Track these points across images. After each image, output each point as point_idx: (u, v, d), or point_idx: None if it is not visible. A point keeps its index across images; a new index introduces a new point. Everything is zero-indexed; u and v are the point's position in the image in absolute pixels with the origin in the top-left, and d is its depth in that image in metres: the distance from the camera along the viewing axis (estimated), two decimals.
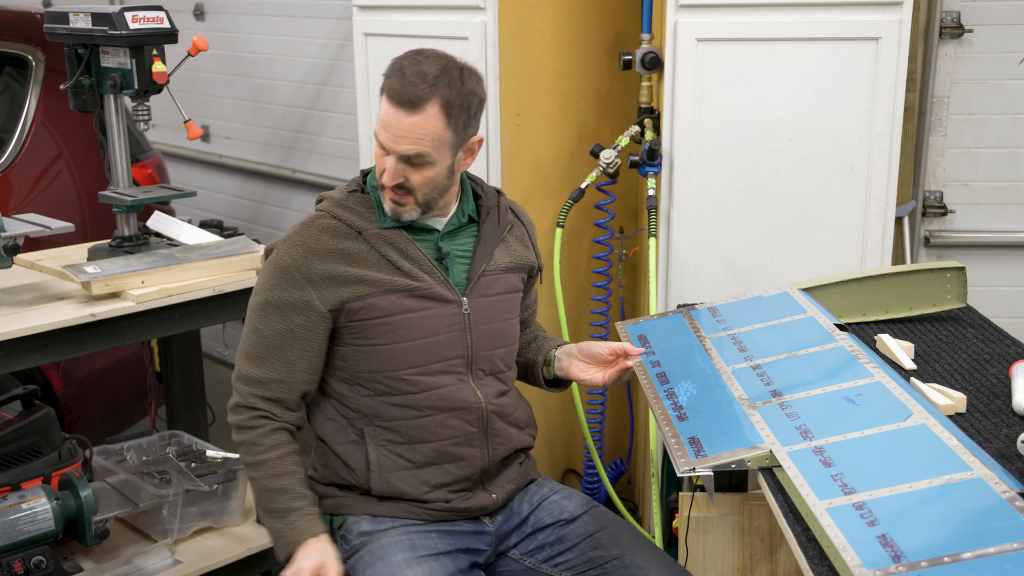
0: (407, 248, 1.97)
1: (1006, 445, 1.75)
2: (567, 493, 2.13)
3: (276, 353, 1.96)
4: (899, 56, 2.69)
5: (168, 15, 2.60)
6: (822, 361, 1.95)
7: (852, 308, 2.38)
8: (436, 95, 1.85)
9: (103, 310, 2.41)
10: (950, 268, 2.38)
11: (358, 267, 1.94)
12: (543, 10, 3.02)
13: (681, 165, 2.79)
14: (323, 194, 2.06)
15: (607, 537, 2.03)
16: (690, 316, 2.30)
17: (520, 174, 3.05)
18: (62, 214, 2.80)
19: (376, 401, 1.98)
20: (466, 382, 2.00)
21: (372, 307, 1.93)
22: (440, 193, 1.95)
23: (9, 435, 2.61)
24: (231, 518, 2.86)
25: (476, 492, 2.03)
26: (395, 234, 1.97)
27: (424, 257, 1.97)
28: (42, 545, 2.45)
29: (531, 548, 2.07)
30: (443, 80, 1.86)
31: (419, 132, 1.86)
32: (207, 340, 3.66)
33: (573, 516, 2.07)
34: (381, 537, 1.96)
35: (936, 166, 3.50)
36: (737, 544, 2.23)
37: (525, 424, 2.13)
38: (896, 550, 1.35)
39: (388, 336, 1.94)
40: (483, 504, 2.04)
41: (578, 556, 2.03)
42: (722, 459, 1.69)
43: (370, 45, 3.16)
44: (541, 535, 2.07)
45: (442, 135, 1.88)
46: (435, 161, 1.89)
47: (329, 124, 4.48)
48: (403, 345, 1.95)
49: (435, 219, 2.01)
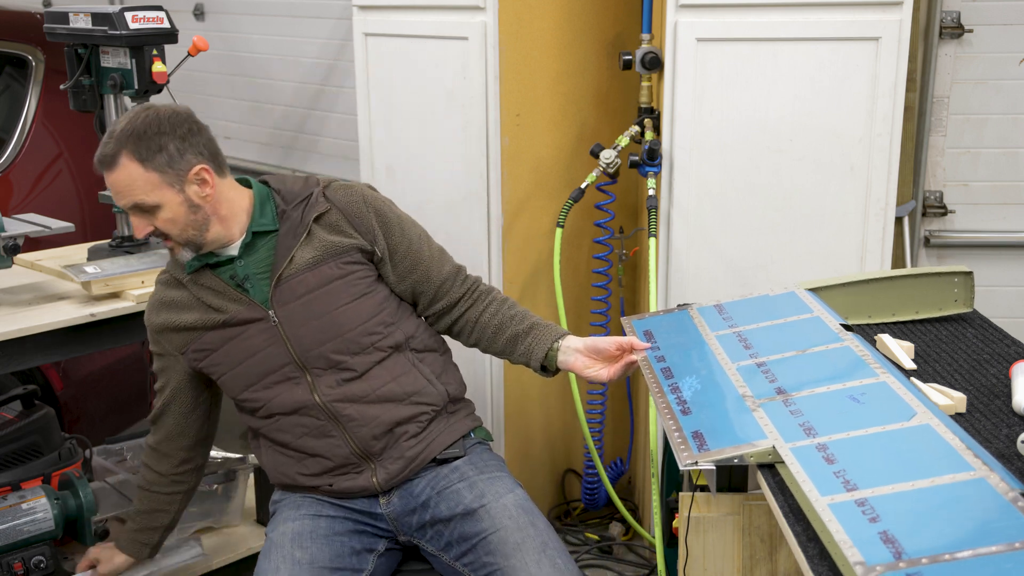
0: (212, 284, 2.13)
1: (1006, 445, 1.74)
2: (473, 481, 2.10)
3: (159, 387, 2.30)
4: (899, 56, 2.69)
5: (168, 15, 2.60)
6: (827, 360, 1.95)
7: (858, 310, 2.37)
8: (123, 149, 2.00)
9: (103, 310, 2.41)
10: (957, 272, 2.37)
11: (182, 314, 2.15)
12: (543, 10, 3.02)
13: (681, 165, 2.79)
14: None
15: (496, 542, 2.00)
16: (696, 313, 2.30)
17: (520, 174, 3.05)
18: (62, 214, 2.80)
19: (248, 418, 2.21)
20: (301, 383, 2.12)
21: (201, 348, 2.15)
22: (199, 228, 2.07)
23: (9, 435, 2.60)
24: (231, 518, 2.86)
25: (360, 474, 2.13)
26: (203, 275, 2.14)
27: (226, 287, 2.12)
28: (42, 545, 2.45)
29: (442, 544, 2.09)
30: (126, 133, 2.00)
31: (123, 185, 2.02)
32: None
33: (468, 510, 2.06)
34: (282, 503, 2.22)
35: (936, 166, 3.50)
36: (737, 544, 2.22)
37: (406, 396, 2.14)
38: (897, 547, 1.35)
39: (222, 367, 2.15)
40: (364, 485, 2.12)
41: (476, 560, 2.02)
42: (725, 453, 1.69)
43: (370, 45, 3.16)
44: (446, 529, 2.08)
45: (147, 179, 2.01)
46: (161, 203, 2.03)
47: (329, 124, 4.48)
48: (236, 371, 2.14)
49: (229, 248, 2.13)
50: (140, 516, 2.38)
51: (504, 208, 3.05)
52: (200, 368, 2.19)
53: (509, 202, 3.07)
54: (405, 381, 2.16)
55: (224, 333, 2.13)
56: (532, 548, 1.99)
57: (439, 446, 2.17)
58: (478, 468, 2.15)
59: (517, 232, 3.11)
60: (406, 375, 2.16)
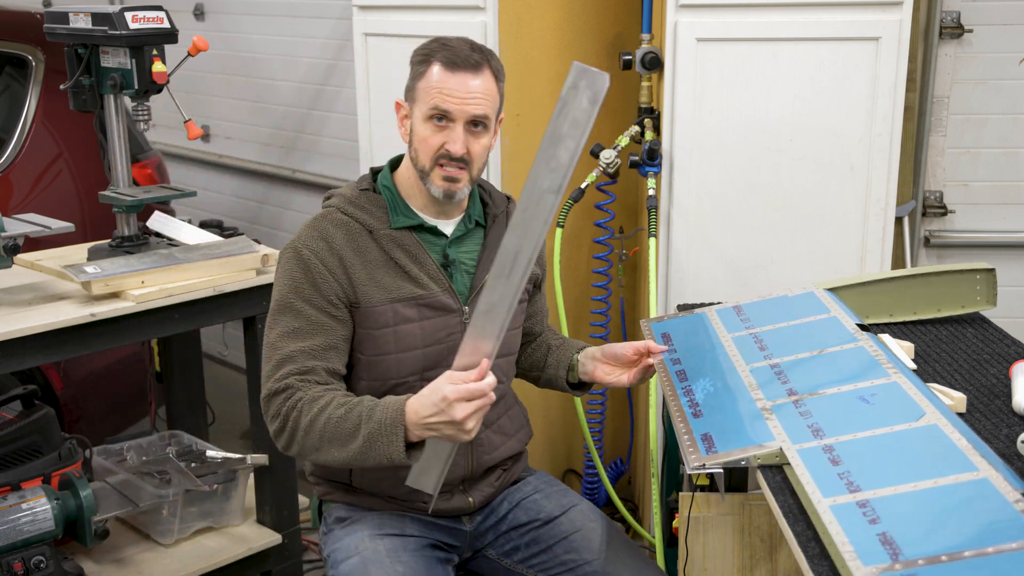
0: (416, 252, 1.95)
1: (1006, 445, 1.75)
2: (549, 493, 2.13)
3: (306, 336, 1.89)
4: (899, 56, 2.69)
5: (168, 15, 2.60)
6: (841, 361, 1.95)
7: (879, 309, 2.36)
8: (487, 61, 1.91)
9: (103, 310, 2.41)
10: (980, 270, 2.36)
11: (367, 268, 1.92)
12: (543, 10, 3.02)
13: (681, 165, 2.79)
14: (332, 191, 2.05)
15: (581, 540, 2.04)
16: (713, 314, 2.31)
17: (520, 174, 3.05)
18: (62, 214, 2.80)
19: None
20: None
21: (378, 317, 1.92)
22: (480, 171, 1.96)
23: (9, 435, 2.61)
24: (231, 518, 2.86)
25: (455, 495, 2.04)
26: (405, 236, 1.96)
27: (432, 262, 1.96)
28: (42, 545, 2.45)
29: (507, 548, 2.08)
30: (485, 50, 1.93)
31: (483, 92, 1.89)
32: (207, 340, 3.66)
33: (550, 517, 2.08)
34: (354, 519, 2.02)
35: (936, 166, 3.50)
36: (737, 544, 2.22)
37: (515, 431, 2.13)
38: (895, 548, 1.35)
39: (391, 346, 1.93)
40: (459, 507, 2.05)
41: (552, 559, 2.04)
42: (732, 456, 1.70)
43: (370, 45, 3.16)
44: (516, 535, 2.07)
45: (496, 99, 1.93)
46: (490, 127, 1.93)
47: (329, 124, 4.48)
48: (405, 355, 1.94)
49: (444, 223, 2.00)
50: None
51: None
52: (361, 336, 1.93)
53: None
54: (519, 412, 2.16)
55: (410, 311, 1.93)
56: (620, 543, 2.06)
57: (518, 469, 2.17)
58: (547, 483, 2.17)
59: None
60: (512, 409, 2.14)
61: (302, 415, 1.82)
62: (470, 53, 1.89)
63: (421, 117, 1.91)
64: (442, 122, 1.89)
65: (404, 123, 1.97)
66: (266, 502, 2.87)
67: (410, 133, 1.95)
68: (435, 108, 1.88)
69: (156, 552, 2.73)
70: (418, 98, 1.92)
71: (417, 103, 1.92)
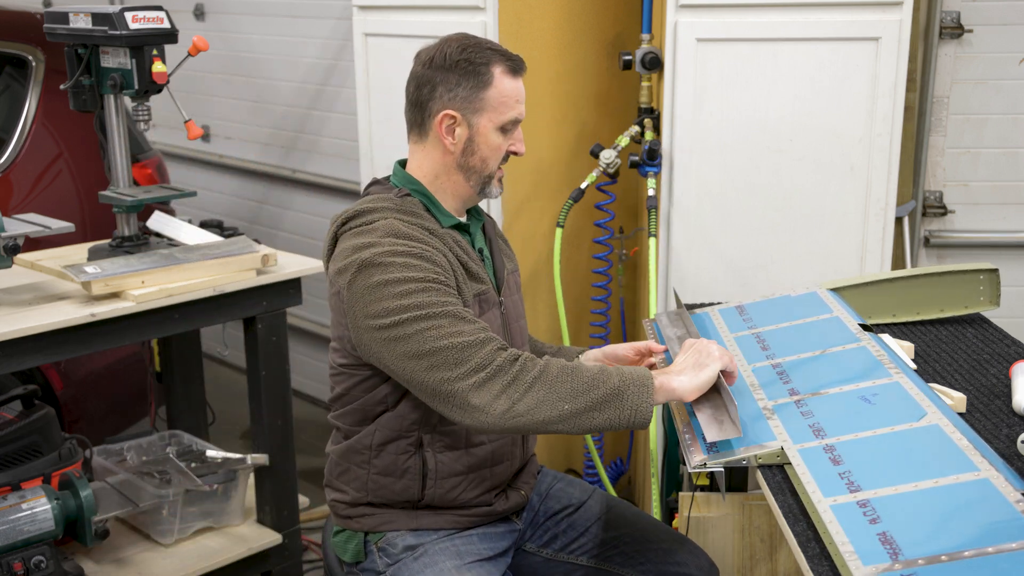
0: (469, 250, 1.92)
1: (1006, 445, 1.74)
2: (568, 480, 2.18)
3: (473, 320, 1.77)
4: (899, 56, 2.69)
5: (168, 15, 2.60)
6: (843, 361, 1.95)
7: (882, 309, 2.37)
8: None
9: (103, 310, 2.41)
10: (983, 270, 2.36)
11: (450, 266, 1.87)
12: (543, 10, 3.02)
13: (681, 165, 2.79)
14: (361, 206, 1.89)
15: (614, 517, 2.10)
16: (716, 314, 2.31)
17: (520, 174, 3.05)
18: (62, 214, 2.80)
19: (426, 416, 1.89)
20: None
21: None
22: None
23: (9, 435, 2.61)
24: (231, 518, 2.86)
25: (509, 493, 2.04)
26: (457, 236, 1.92)
27: (477, 257, 1.94)
28: (42, 545, 2.45)
29: (545, 539, 2.10)
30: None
31: (524, 94, 1.92)
32: (207, 340, 3.66)
33: (580, 502, 2.12)
34: (427, 547, 1.92)
35: (936, 166, 3.50)
36: (737, 544, 2.23)
37: None
38: (895, 548, 1.35)
39: None
40: (517, 504, 2.05)
41: (591, 540, 2.08)
42: (734, 455, 1.70)
43: (370, 45, 3.16)
44: (551, 524, 2.10)
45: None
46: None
47: (329, 124, 4.48)
48: None
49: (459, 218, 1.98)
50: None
51: (504, 208, 3.05)
52: None
53: (509, 202, 3.07)
54: None
55: (477, 307, 1.89)
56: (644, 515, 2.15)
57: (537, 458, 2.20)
58: (555, 475, 2.20)
59: (517, 232, 3.11)
60: None
61: (527, 365, 1.71)
62: (515, 54, 1.90)
63: (493, 127, 1.87)
64: (515, 123, 1.91)
65: (453, 133, 1.88)
66: (266, 502, 2.87)
67: (464, 141, 1.88)
68: (514, 120, 1.89)
69: (156, 552, 2.73)
70: (486, 108, 1.86)
71: (485, 113, 1.86)
